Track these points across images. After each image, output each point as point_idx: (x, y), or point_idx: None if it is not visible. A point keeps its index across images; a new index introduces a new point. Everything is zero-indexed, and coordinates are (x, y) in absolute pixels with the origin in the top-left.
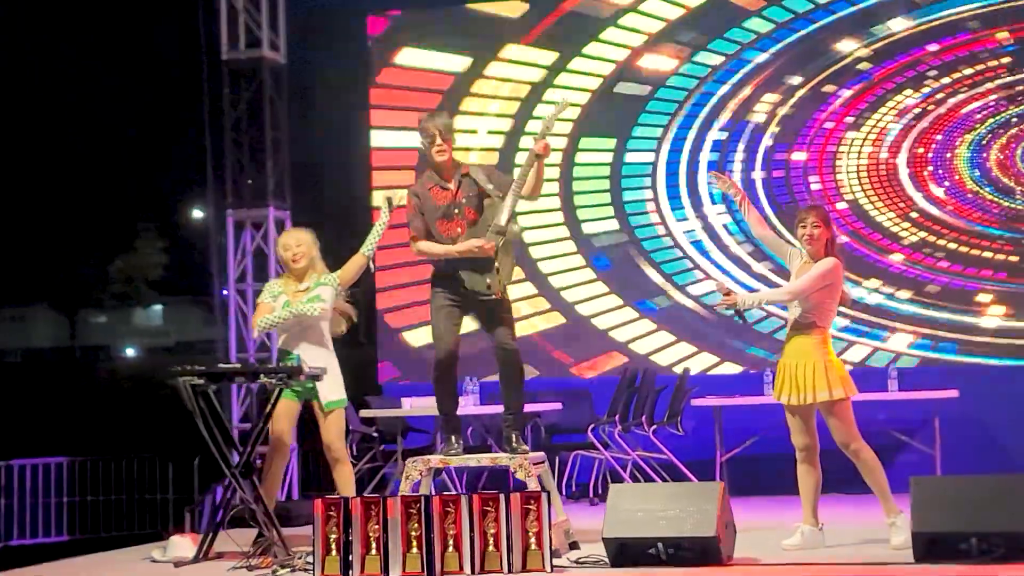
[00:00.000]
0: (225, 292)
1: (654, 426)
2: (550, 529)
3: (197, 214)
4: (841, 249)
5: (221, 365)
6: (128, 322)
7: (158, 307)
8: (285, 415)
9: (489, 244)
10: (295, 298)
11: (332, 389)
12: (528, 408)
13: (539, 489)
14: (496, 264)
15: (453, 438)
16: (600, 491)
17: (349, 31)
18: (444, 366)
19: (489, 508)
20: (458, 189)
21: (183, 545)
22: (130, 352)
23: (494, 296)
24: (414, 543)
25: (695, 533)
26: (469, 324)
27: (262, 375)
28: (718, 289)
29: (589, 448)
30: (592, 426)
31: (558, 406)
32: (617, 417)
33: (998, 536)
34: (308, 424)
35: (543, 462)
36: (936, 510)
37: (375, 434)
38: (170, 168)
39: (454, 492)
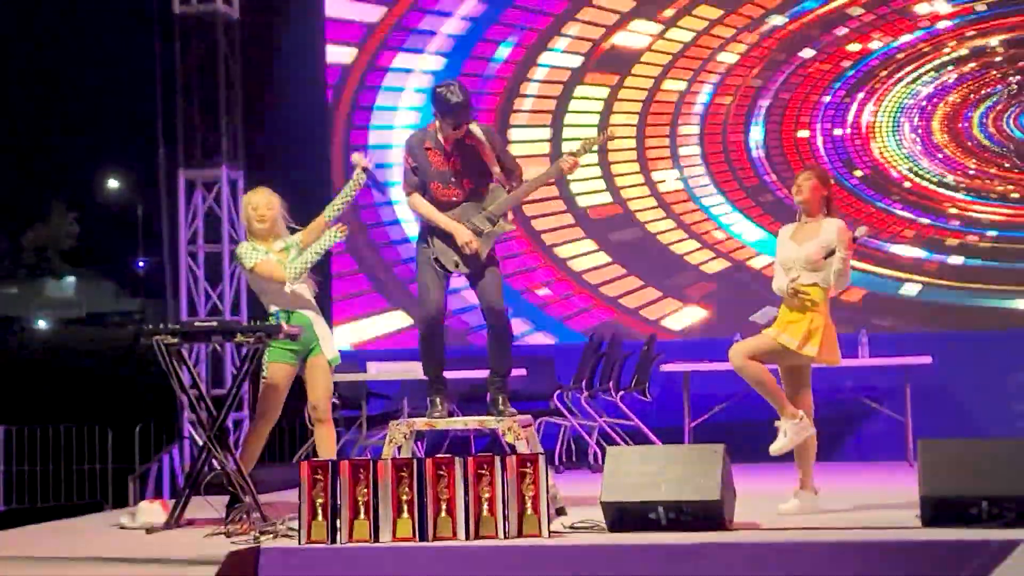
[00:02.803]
0: (141, 264)
1: (621, 392)
2: (547, 492)
3: (113, 183)
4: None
5: (197, 323)
6: (40, 294)
7: (70, 279)
8: (285, 380)
9: (474, 244)
10: (280, 257)
11: (330, 345)
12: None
13: (534, 451)
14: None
15: (438, 400)
16: (565, 458)
17: None
18: (430, 324)
19: (484, 471)
20: (456, 158)
21: (153, 511)
22: (42, 324)
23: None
24: (405, 507)
25: (697, 497)
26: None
27: (239, 334)
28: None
29: (554, 415)
30: (558, 392)
31: (522, 372)
32: (583, 383)
33: (1009, 500)
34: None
35: (531, 425)
36: (945, 473)
37: (336, 400)
38: (87, 133)
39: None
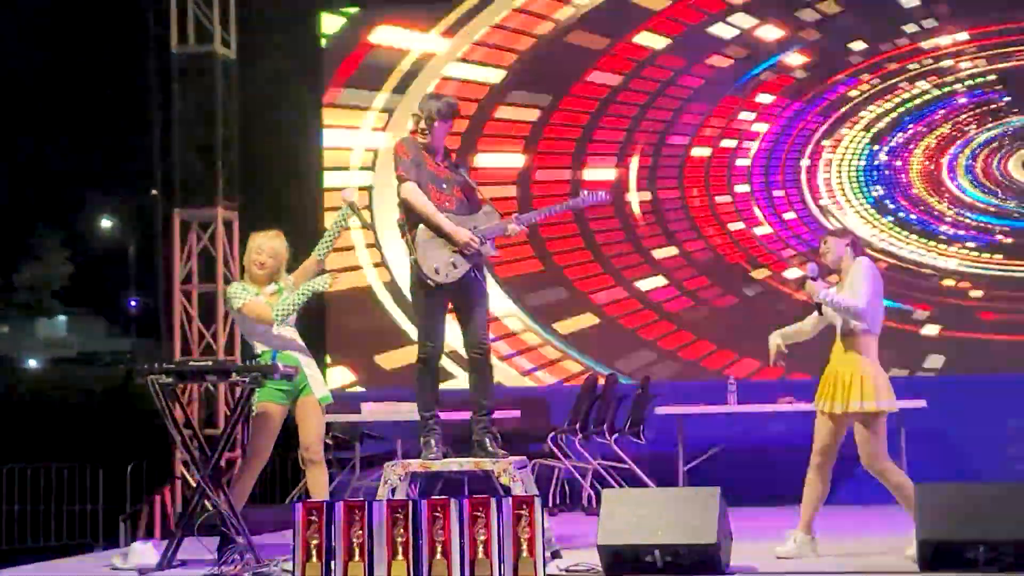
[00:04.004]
0: (132, 303)
1: (615, 434)
2: (543, 535)
3: (106, 222)
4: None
5: (192, 363)
6: (32, 333)
7: (62, 318)
8: (275, 419)
9: (475, 245)
10: (271, 300)
11: (321, 385)
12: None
13: (531, 494)
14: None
15: (433, 441)
16: (559, 501)
17: (302, 28)
18: (430, 361)
19: (479, 513)
20: (444, 166)
21: (145, 552)
22: (32, 363)
23: (434, 283)
24: (400, 549)
25: (694, 540)
26: None
27: (234, 374)
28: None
29: (548, 457)
30: (551, 434)
31: (516, 414)
32: (578, 425)
33: (1007, 545)
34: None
35: (526, 467)
36: (943, 518)
37: (329, 441)
38: (81, 172)
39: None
